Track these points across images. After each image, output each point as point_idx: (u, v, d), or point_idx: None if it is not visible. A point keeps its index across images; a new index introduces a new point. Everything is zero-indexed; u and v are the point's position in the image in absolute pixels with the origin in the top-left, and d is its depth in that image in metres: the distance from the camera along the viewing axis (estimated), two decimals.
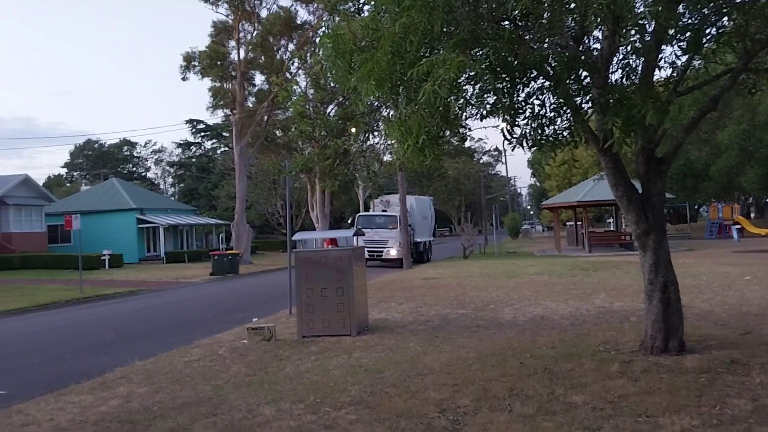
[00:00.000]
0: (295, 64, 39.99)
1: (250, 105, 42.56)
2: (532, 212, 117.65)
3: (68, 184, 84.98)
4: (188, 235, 50.92)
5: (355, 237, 13.14)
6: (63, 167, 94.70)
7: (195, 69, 40.88)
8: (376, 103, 8.08)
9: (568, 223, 51.97)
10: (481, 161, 78.63)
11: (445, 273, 24.75)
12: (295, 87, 10.87)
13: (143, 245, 45.64)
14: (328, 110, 22.52)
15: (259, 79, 43.71)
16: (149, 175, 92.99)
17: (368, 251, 28.90)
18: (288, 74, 39.97)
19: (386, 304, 15.22)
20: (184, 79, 41.78)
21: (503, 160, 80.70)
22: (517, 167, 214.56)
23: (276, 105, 40.16)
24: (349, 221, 34.83)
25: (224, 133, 70.27)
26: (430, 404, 6.80)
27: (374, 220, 33.92)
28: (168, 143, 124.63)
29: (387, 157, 16.84)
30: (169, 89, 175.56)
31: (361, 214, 36.00)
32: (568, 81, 6.83)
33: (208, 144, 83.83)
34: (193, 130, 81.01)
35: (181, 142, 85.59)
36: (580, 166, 49.22)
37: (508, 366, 8.42)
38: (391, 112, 8.01)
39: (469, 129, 6.91)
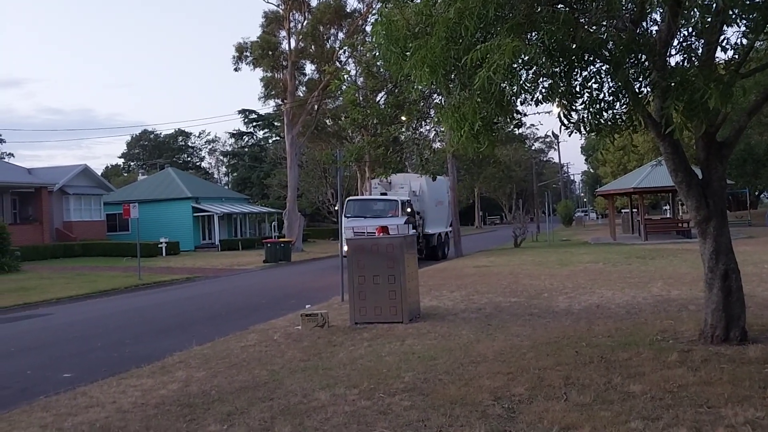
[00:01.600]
0: (345, 53, 40.07)
1: (301, 94, 42.85)
2: (585, 199, 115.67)
3: (125, 174, 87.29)
4: (241, 223, 51.73)
5: (407, 225, 13.07)
6: (120, 157, 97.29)
7: (247, 60, 41.33)
8: (428, 90, 8.03)
9: (623, 211, 50.93)
10: (533, 148, 77.57)
11: (497, 261, 24.58)
12: (346, 75, 10.85)
13: (199, 233, 46.60)
14: (378, 98, 22.50)
15: (309, 68, 44.03)
16: (203, 164, 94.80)
17: None
18: (338, 63, 40.09)
19: (437, 292, 15.21)
20: (236, 69, 42.31)
21: (556, 146, 79.33)
22: (570, 153, 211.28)
23: (326, 94, 40.38)
24: (336, 207, 29.51)
25: (275, 123, 71.14)
26: (485, 392, 6.78)
27: (369, 206, 26.69)
28: (221, 133, 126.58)
29: (436, 145, 16.73)
30: (222, 80, 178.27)
31: (352, 198, 28.03)
32: (626, 65, 6.66)
33: (260, 134, 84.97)
34: (246, 120, 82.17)
35: (234, 132, 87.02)
36: (636, 152, 48.13)
37: (563, 355, 8.32)
38: (444, 99, 7.96)
39: (524, 114, 6.80)
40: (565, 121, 6.39)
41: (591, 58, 6.40)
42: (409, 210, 25.79)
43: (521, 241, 34.92)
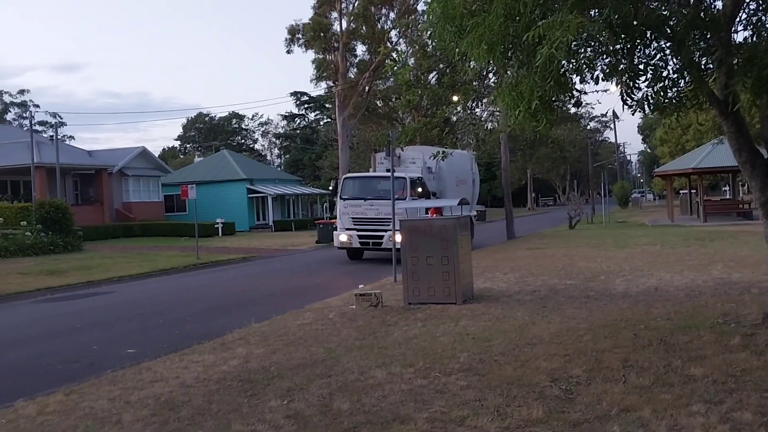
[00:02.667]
0: (397, 34, 39.89)
1: (352, 76, 42.89)
2: (642, 180, 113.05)
3: (182, 156, 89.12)
4: (294, 204, 52.34)
5: (460, 206, 12.88)
6: (176, 140, 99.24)
7: (299, 42, 41.49)
8: (484, 69, 7.95)
9: (681, 192, 49.64)
10: (588, 127, 76.08)
11: (551, 243, 24.31)
12: (401, 56, 10.78)
13: (253, 214, 47.37)
14: (429, 78, 22.36)
15: (360, 49, 43.98)
16: (256, 146, 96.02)
17: (359, 236, 20.70)
18: (389, 44, 39.95)
19: (491, 274, 15.15)
20: (288, 52, 42.48)
21: (612, 125, 77.63)
22: (627, 133, 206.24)
23: (377, 75, 40.32)
24: (331, 187, 23.31)
25: (327, 105, 71.41)
26: (541, 373, 6.76)
27: (370, 185, 21.54)
28: (274, 115, 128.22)
29: (489, 125, 16.62)
30: (274, 63, 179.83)
31: (349, 176, 23.32)
32: (689, 42, 6.47)
33: (311, 115, 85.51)
34: (298, 102, 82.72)
35: (286, 114, 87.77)
36: (702, 129, 46.64)
37: (621, 337, 8.23)
38: (499, 78, 7.87)
39: (584, 93, 6.68)
40: (628, 99, 6.25)
41: (654, 36, 6.23)
42: (420, 190, 20.88)
43: (576, 223, 34.41)
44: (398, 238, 18.94)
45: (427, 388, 6.47)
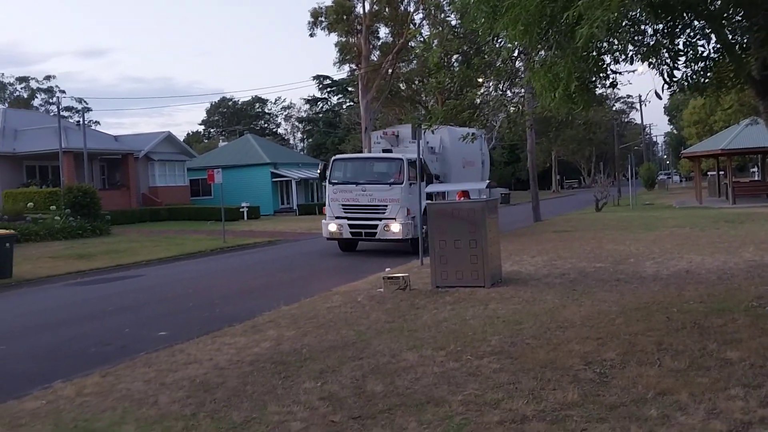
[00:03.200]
0: (420, 15, 39.61)
1: (375, 59, 42.71)
2: (668, 161, 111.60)
3: (206, 141, 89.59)
4: (318, 188, 52.44)
5: (488, 189, 12.72)
6: (200, 124, 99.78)
7: (322, 25, 41.34)
8: (518, 50, 7.84)
9: (709, 173, 48.91)
10: (614, 108, 75.09)
11: (578, 226, 24.12)
12: (426, 37, 10.66)
13: (277, 198, 47.58)
14: (453, 60, 22.17)
15: (383, 32, 43.73)
16: (279, 130, 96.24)
17: (350, 225, 18.42)
18: (412, 26, 39.67)
19: (518, 257, 15.07)
20: (311, 35, 42.62)
21: (638, 107, 76.55)
22: (653, 114, 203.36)
23: (400, 58, 40.10)
24: (318, 170, 20.48)
25: (349, 88, 71.24)
26: (575, 357, 6.72)
27: (362, 167, 19.46)
28: (296, 99, 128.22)
29: (513, 108, 16.44)
30: (297, 46, 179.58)
31: (339, 157, 20.56)
32: (728, 21, 6.33)
33: (334, 99, 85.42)
34: (320, 86, 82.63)
35: (309, 98, 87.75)
36: (722, 112, 45.86)
37: (653, 320, 8.15)
38: (532, 59, 7.77)
39: (620, 74, 6.56)
40: (668, 80, 6.12)
41: (693, 15, 6.09)
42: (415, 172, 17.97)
43: (603, 206, 34.10)
44: (395, 228, 17.62)
45: (459, 371, 6.47)
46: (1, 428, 5.59)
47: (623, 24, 5.28)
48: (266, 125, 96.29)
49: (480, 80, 14.99)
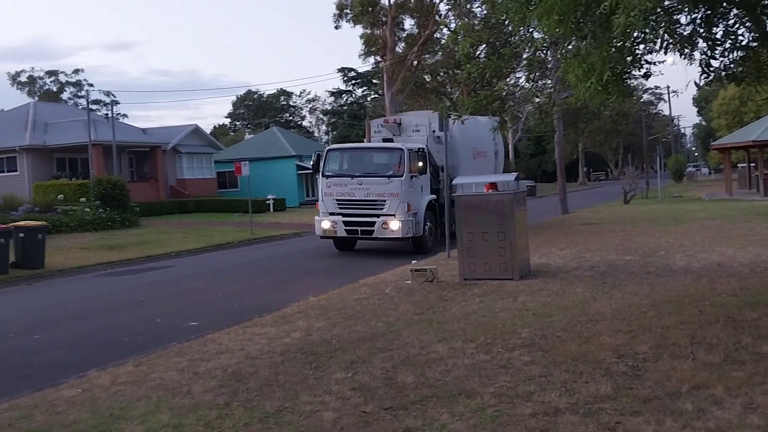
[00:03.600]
0: (445, 6, 39.38)
1: (400, 50, 42.60)
2: (696, 153, 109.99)
3: (232, 133, 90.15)
4: None
5: (517, 181, 12.50)
6: (226, 117, 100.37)
7: (347, 17, 41.31)
8: (551, 40, 7.76)
9: (739, 165, 48.12)
10: (642, 100, 74.09)
11: (607, 218, 23.90)
12: (458, 29, 10.54)
13: (303, 190, 47.74)
14: (478, 52, 22.02)
15: (408, 23, 43.61)
16: (304, 123, 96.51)
17: (345, 222, 16.76)
18: (437, 17, 39.51)
19: (546, 249, 14.98)
20: (336, 27, 42.32)
21: (667, 98, 75.43)
22: (681, 106, 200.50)
23: (425, 49, 39.96)
24: (312, 161, 18.00)
25: (374, 80, 71.20)
26: (606, 350, 6.67)
27: (359, 158, 17.89)
28: (321, 92, 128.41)
29: (543, 99, 16.27)
30: (322, 39, 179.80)
31: (333, 147, 19.39)
32: (765, 10, 6.20)
33: (359, 91, 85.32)
34: (345, 79, 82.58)
35: (334, 90, 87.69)
36: (752, 103, 45.04)
37: (686, 314, 8.06)
38: (564, 50, 7.69)
39: (654, 63, 6.46)
40: (706, 70, 6.01)
41: (730, 4, 5.97)
42: (420, 164, 16.92)
43: (631, 198, 33.73)
44: (394, 225, 16.03)
45: (490, 363, 6.45)
46: (39, 415, 5.70)
47: (659, 13, 5.19)
48: (291, 118, 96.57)
49: (507, 71, 14.87)
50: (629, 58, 5.72)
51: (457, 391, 5.69)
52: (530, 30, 6.68)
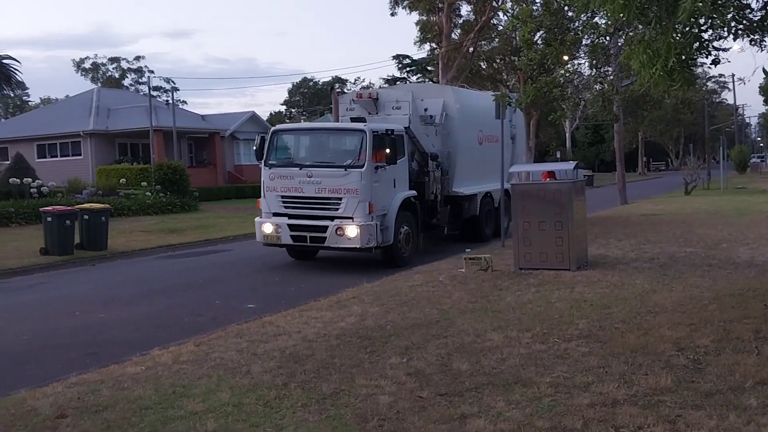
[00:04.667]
0: None
1: (456, 37, 42.27)
2: (762, 144, 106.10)
3: (287, 121, 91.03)
4: None
5: (575, 170, 12.11)
6: (282, 104, 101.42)
7: (403, 3, 41.19)
8: (614, 26, 7.59)
9: None
10: (705, 88, 71.79)
11: (666, 209, 23.33)
12: (521, 14, 10.35)
13: None
14: (537, 37, 21.67)
15: (465, 9, 43.21)
16: None
17: (290, 226, 13.00)
18: (495, 3, 39.02)
19: (604, 240, 14.72)
20: (392, 14, 42.29)
21: (732, 86, 72.84)
22: (746, 95, 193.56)
23: (482, 36, 39.53)
24: (255, 145, 13.92)
25: (429, 68, 70.79)
26: (666, 342, 6.55)
27: (310, 144, 14.18)
28: (376, 79, 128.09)
29: (604, 86, 15.86)
30: (376, 26, 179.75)
31: (278, 128, 14.86)
32: None
33: (413, 79, 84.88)
34: (400, 66, 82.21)
35: (388, 77, 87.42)
36: None
37: (749, 307, 7.84)
38: (626, 35, 7.52)
39: (723, 50, 6.25)
40: None
41: None
42: (388, 151, 12.98)
43: (692, 189, 32.82)
44: (350, 231, 12.32)
45: (546, 353, 6.41)
46: (106, 390, 5.92)
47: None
48: None
49: (566, 58, 14.58)
50: (695, 45, 5.55)
51: (512, 379, 5.68)
52: (593, 15, 6.54)
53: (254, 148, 14.04)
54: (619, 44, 11.43)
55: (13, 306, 10.62)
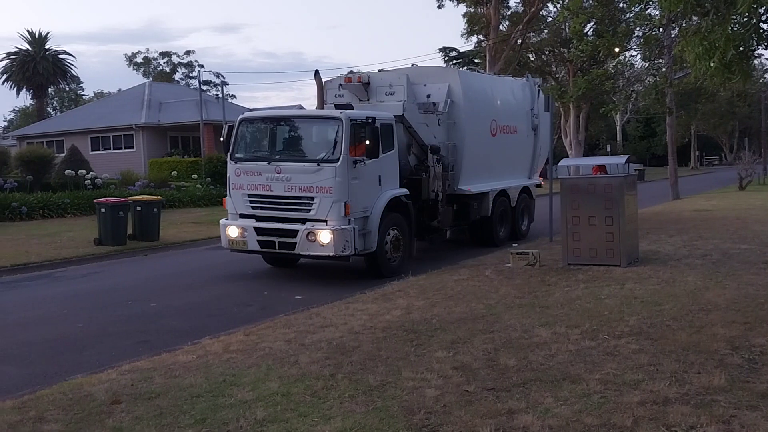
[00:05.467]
0: None
1: (504, 29, 41.84)
2: None
3: None
4: None
5: (627, 164, 11.69)
6: None
7: None
8: (668, 18, 7.42)
9: None
10: (762, 80, 69.56)
11: (720, 204, 22.73)
12: (572, 5, 10.12)
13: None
14: (587, 29, 21.29)
15: (513, 1, 42.74)
16: None
17: (257, 229, 11.45)
18: None
19: (655, 236, 14.42)
20: (440, 6, 41.89)
21: None
22: None
23: (530, 28, 39.04)
24: (222, 136, 12.39)
25: (476, 60, 70.26)
26: (719, 341, 6.40)
27: (279, 135, 12.23)
28: None
29: (657, 78, 15.45)
30: (423, 19, 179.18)
31: (246, 116, 12.34)
32: None
33: None
34: (446, 58, 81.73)
35: None
36: None
37: None
38: (681, 27, 7.33)
39: None
40: None
41: None
42: (369, 142, 11.08)
43: (747, 184, 31.89)
44: (324, 237, 10.68)
45: (595, 350, 6.33)
46: (158, 378, 6.06)
47: None
48: None
49: (617, 49, 14.27)
50: (755, 36, 5.39)
51: (561, 376, 5.63)
52: (646, 6, 6.40)
53: (221, 138, 12.42)
54: (673, 36, 11.15)
55: (69, 295, 10.95)
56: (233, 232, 11.78)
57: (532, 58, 47.11)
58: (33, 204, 21.40)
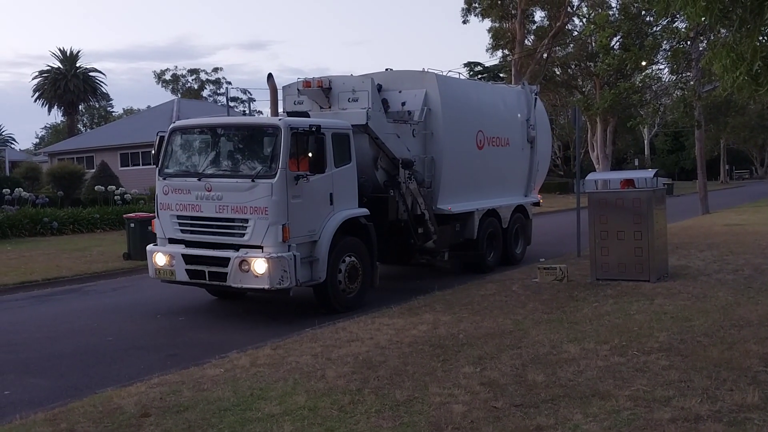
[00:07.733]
0: None
1: (529, 43, 41.82)
2: None
3: None
4: None
5: (655, 178, 11.55)
6: None
7: (475, 11, 41.04)
8: (695, 30, 7.37)
9: None
10: None
11: (751, 219, 22.36)
12: (598, 20, 10.08)
13: None
14: (613, 42, 21.19)
15: (538, 15, 42.74)
16: None
17: (185, 257, 9.74)
18: (569, 8, 38.41)
19: (685, 251, 14.23)
20: (464, 22, 42.13)
21: None
22: None
23: (556, 42, 38.97)
24: (153, 148, 10.53)
25: (501, 74, 70.21)
26: (752, 357, 6.30)
27: (210, 146, 10.38)
28: None
29: (685, 92, 15.31)
30: (448, 34, 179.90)
31: (177, 125, 10.54)
32: None
33: None
34: (471, 73, 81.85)
35: None
36: None
37: None
38: (707, 39, 7.27)
39: None
40: None
41: None
42: (312, 155, 9.38)
43: None
44: (258, 266, 9.08)
45: (625, 366, 6.25)
46: (186, 391, 6.11)
47: None
48: None
49: (644, 63, 14.15)
50: None
51: (590, 392, 5.57)
52: (672, 19, 6.36)
53: (152, 152, 10.88)
54: (700, 48, 11.06)
55: (99, 308, 11.08)
56: (160, 259, 10.13)
57: (558, 72, 46.95)
58: (64, 219, 21.78)
